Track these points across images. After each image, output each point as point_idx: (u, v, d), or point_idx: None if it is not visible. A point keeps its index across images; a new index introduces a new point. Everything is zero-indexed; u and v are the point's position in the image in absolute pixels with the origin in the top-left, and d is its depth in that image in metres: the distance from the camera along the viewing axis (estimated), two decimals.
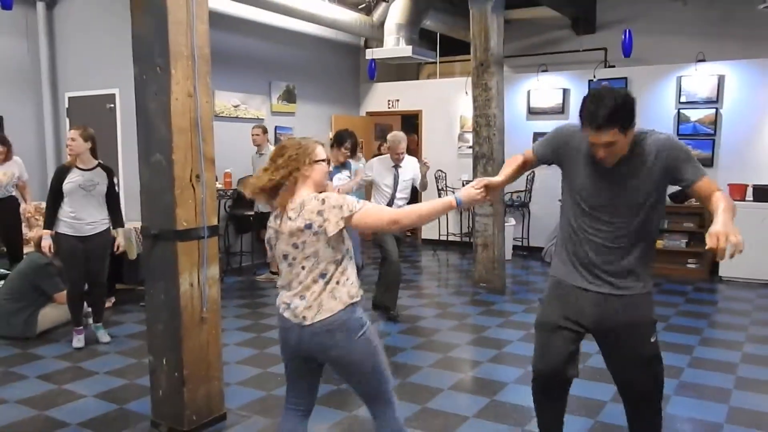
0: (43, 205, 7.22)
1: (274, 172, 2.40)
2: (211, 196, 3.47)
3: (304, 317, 2.39)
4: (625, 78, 8.36)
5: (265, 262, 7.79)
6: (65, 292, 5.17)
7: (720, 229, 2.21)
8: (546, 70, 8.99)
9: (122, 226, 5.09)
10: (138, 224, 4.08)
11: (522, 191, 8.88)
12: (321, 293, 2.37)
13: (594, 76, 8.54)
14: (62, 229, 4.84)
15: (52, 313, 5.34)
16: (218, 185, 7.11)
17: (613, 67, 8.71)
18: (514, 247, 8.98)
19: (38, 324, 5.23)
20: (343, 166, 5.69)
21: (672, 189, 8.26)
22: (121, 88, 7.27)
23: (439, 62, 9.91)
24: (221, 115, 7.84)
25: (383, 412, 2.54)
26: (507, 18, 8.61)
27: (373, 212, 2.39)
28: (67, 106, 7.89)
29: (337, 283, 2.39)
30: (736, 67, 7.83)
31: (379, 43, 8.63)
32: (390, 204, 5.55)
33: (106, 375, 4.41)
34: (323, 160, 2.48)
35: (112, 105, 7.47)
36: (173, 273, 3.30)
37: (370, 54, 8.35)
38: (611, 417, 3.66)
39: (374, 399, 2.54)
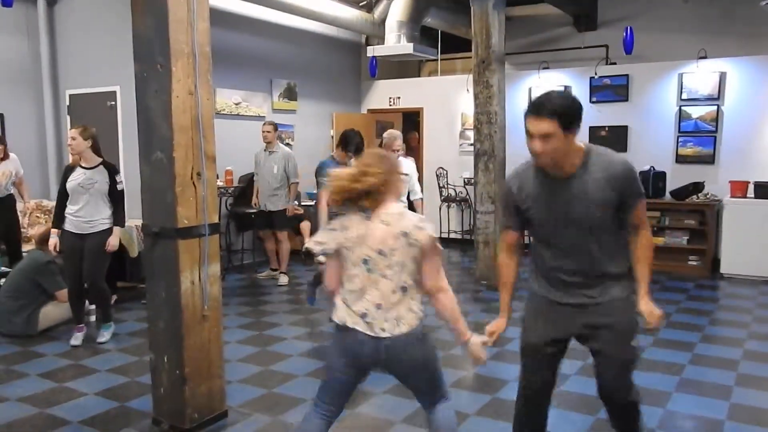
0: (44, 202, 7.28)
1: (370, 178, 2.43)
2: (212, 193, 3.47)
3: (382, 329, 2.42)
4: (627, 75, 8.35)
5: (265, 260, 7.75)
6: (66, 290, 5.18)
7: (657, 313, 2.50)
8: (547, 68, 8.97)
9: (121, 225, 5.09)
10: (139, 222, 4.09)
11: None
12: (398, 305, 2.44)
13: (595, 74, 8.53)
14: (66, 226, 4.90)
15: (53, 311, 5.35)
16: (219, 183, 7.12)
17: (615, 64, 8.69)
18: None
19: (39, 322, 5.24)
20: (345, 164, 5.65)
21: (673, 186, 8.27)
22: (122, 85, 7.27)
23: (441, 59, 9.90)
24: (222, 112, 7.84)
25: (442, 403, 2.66)
26: (508, 15, 8.58)
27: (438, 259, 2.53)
28: (68, 103, 7.89)
29: (412, 298, 2.47)
30: (737, 64, 7.81)
31: (381, 40, 8.62)
32: None
33: (108, 372, 4.42)
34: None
35: (113, 103, 7.46)
36: (174, 271, 3.31)
37: (372, 51, 8.34)
38: None
39: (434, 394, 2.64)
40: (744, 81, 7.77)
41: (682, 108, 8.05)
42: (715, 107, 7.87)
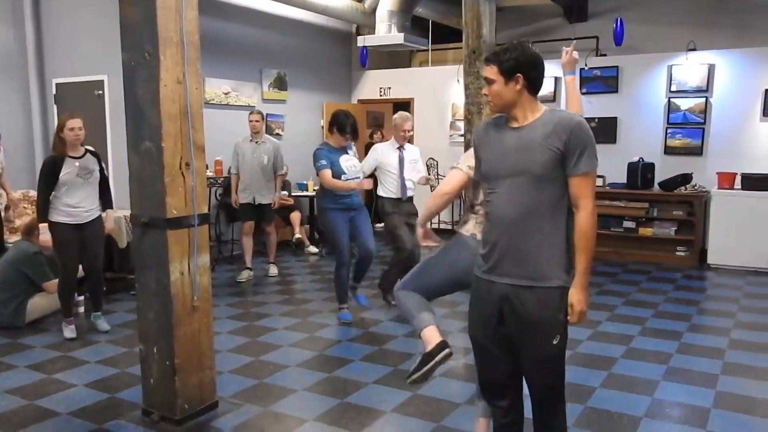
0: (31, 193, 7.21)
1: None
2: (201, 183, 3.45)
3: None
4: (617, 67, 8.37)
5: (257, 251, 7.50)
6: (55, 281, 5.15)
7: (582, 309, 2.31)
8: None
9: (111, 207, 5.13)
10: (128, 212, 4.06)
11: None
12: None
13: (585, 65, 8.54)
14: (57, 217, 4.79)
15: (41, 303, 5.31)
16: (209, 173, 7.07)
17: (605, 55, 8.71)
18: None
19: (27, 313, 5.21)
20: (343, 149, 5.40)
21: (661, 177, 8.31)
22: (109, 74, 7.20)
23: (431, 50, 9.87)
24: (212, 102, 7.79)
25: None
26: (499, 5, 8.57)
27: None
28: (54, 92, 7.81)
29: None
30: (726, 57, 7.84)
31: (371, 30, 8.59)
32: (402, 186, 5.56)
33: (97, 364, 4.40)
34: None
35: (101, 92, 7.39)
36: (164, 261, 3.29)
37: (362, 41, 8.30)
38: (601, 402, 3.70)
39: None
40: (732, 73, 7.80)
41: (671, 100, 8.08)
42: (704, 99, 7.91)
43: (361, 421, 3.52)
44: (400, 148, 5.64)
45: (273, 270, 7.10)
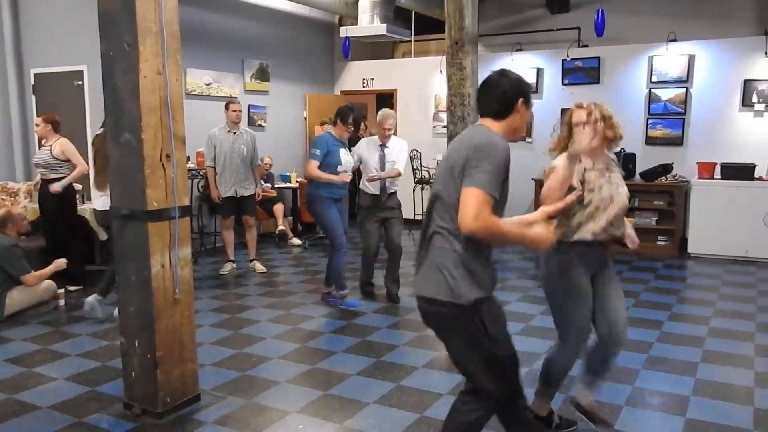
0: (10, 184, 7.14)
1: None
2: (182, 175, 3.42)
3: None
4: (598, 58, 8.41)
5: (240, 242, 7.38)
6: (34, 273, 5.13)
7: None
8: (520, 50, 8.99)
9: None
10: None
11: None
12: None
13: (567, 56, 8.57)
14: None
15: (19, 296, 5.24)
16: (190, 165, 7.01)
17: (587, 46, 8.74)
18: None
19: (6, 307, 5.14)
20: (342, 144, 5.46)
21: (642, 167, 8.36)
22: (89, 64, 7.11)
23: (414, 41, 9.85)
24: (193, 93, 7.72)
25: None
26: None
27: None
28: (33, 83, 7.69)
29: None
30: (705, 48, 7.91)
31: (354, 21, 8.55)
32: (382, 185, 5.55)
33: (78, 357, 4.36)
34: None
35: (80, 82, 7.29)
36: (144, 254, 3.27)
37: (345, 32, 8.26)
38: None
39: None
40: (712, 64, 7.87)
41: (652, 90, 8.15)
42: (684, 90, 7.98)
43: (343, 413, 3.53)
44: (382, 146, 5.62)
45: (259, 267, 6.90)
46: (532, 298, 5.85)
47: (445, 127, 7.58)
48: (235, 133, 6.64)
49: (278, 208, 8.22)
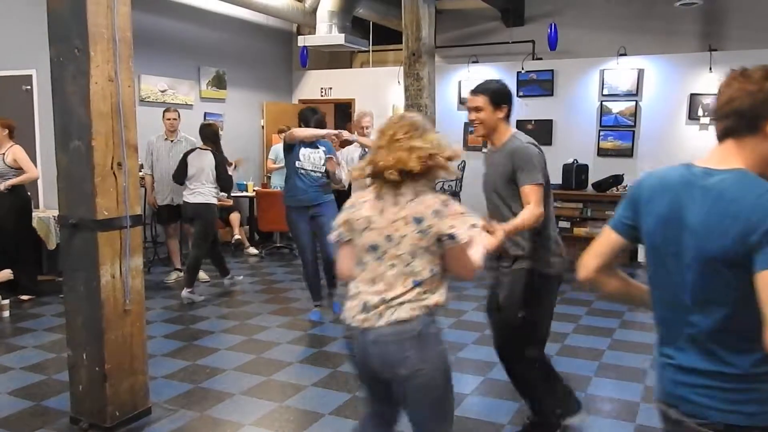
0: None
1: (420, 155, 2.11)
2: (134, 184, 3.35)
3: (380, 315, 2.10)
4: (552, 70, 8.59)
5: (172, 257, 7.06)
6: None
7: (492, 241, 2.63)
8: (477, 61, 9.12)
9: None
10: (56, 213, 3.91)
11: (453, 181, 9.00)
12: (406, 295, 2.10)
13: (522, 68, 8.73)
14: None
15: None
16: (144, 173, 6.86)
17: (541, 59, 8.92)
18: None
19: None
20: (311, 143, 5.29)
21: (595, 178, 8.55)
22: (38, 69, 6.90)
23: (372, 51, 9.90)
24: (147, 100, 7.59)
25: None
26: (438, 8, 8.68)
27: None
28: None
29: (430, 291, 2.13)
30: (654, 62, 8.16)
31: (312, 30, 8.54)
32: None
33: (22, 371, 4.22)
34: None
35: (29, 87, 7.09)
36: (93, 264, 3.18)
37: (303, 41, 8.25)
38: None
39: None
40: (660, 78, 8.13)
41: (603, 103, 8.36)
42: (634, 103, 8.21)
43: (299, 425, 3.49)
44: (363, 146, 5.61)
45: (202, 276, 6.67)
46: None
47: None
48: (172, 141, 6.59)
49: (234, 217, 8.11)
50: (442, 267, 2.14)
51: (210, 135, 6.15)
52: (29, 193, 6.15)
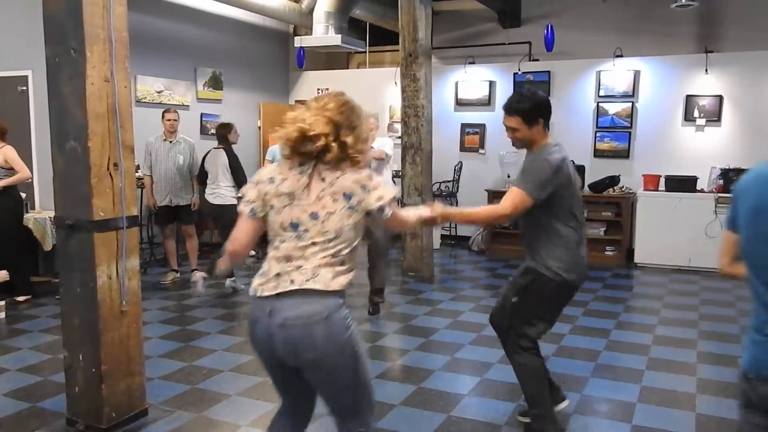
0: None
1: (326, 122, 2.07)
2: (131, 185, 3.35)
3: (291, 281, 2.07)
4: (548, 72, 8.60)
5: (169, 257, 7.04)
6: None
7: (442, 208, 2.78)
8: (473, 62, 9.13)
9: None
10: (52, 213, 3.91)
11: (450, 181, 9.01)
12: (322, 267, 2.09)
13: (519, 69, 8.74)
14: None
15: None
16: (140, 173, 6.85)
17: (537, 60, 8.93)
18: (442, 237, 9.11)
19: None
20: None
21: (591, 179, 8.57)
22: (34, 69, 6.88)
23: (369, 52, 9.90)
24: (144, 100, 7.58)
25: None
26: (435, 9, 8.69)
27: (399, 209, 2.31)
28: None
29: (342, 264, 2.13)
30: (650, 63, 8.18)
31: (309, 30, 8.54)
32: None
33: (19, 372, 4.21)
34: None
35: (25, 88, 7.07)
36: (90, 265, 3.18)
37: (299, 42, 8.25)
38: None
39: (347, 415, 2.26)
40: (656, 80, 8.15)
41: (600, 104, 8.37)
42: (630, 104, 8.22)
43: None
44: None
45: (199, 276, 6.67)
46: (485, 308, 5.91)
47: (399, 137, 7.62)
48: (171, 142, 6.60)
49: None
50: (357, 242, 2.16)
51: (220, 134, 6.44)
52: (23, 195, 6.14)
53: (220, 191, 6.27)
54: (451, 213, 2.97)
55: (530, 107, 3.02)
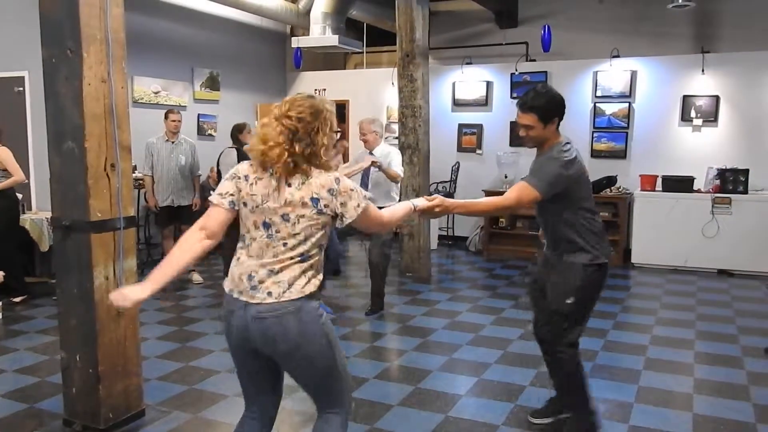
0: None
1: (291, 131, 2.13)
2: (128, 185, 3.35)
3: (269, 293, 2.15)
4: (545, 72, 8.61)
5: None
6: None
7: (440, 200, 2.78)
8: (470, 63, 9.13)
9: None
10: (49, 214, 3.90)
11: (447, 182, 9.02)
12: (294, 271, 2.17)
13: (516, 70, 8.75)
14: None
15: None
16: (138, 174, 6.85)
17: (534, 61, 8.94)
18: (440, 237, 9.11)
19: None
20: None
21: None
22: (30, 70, 6.88)
23: (366, 52, 9.90)
24: (141, 101, 7.57)
25: (334, 418, 2.33)
26: (432, 10, 8.69)
27: (374, 209, 2.30)
28: None
29: (314, 269, 2.22)
30: (647, 64, 8.19)
31: (306, 31, 8.54)
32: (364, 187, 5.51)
33: (16, 373, 4.20)
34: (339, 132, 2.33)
35: (21, 88, 7.06)
36: (87, 265, 3.18)
37: (296, 42, 8.24)
38: (529, 400, 3.79)
39: (324, 400, 2.34)
40: (653, 80, 8.16)
41: (597, 105, 8.38)
42: (627, 104, 8.24)
43: (293, 426, 3.49)
44: (370, 152, 5.56)
45: (196, 277, 6.81)
46: (482, 308, 5.92)
47: (396, 138, 7.63)
48: (173, 142, 6.60)
49: None
50: (323, 245, 2.24)
51: (233, 134, 6.45)
52: (20, 196, 6.12)
53: None
54: (451, 203, 2.89)
55: (546, 104, 2.97)
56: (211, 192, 2.42)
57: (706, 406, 3.77)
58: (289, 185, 2.15)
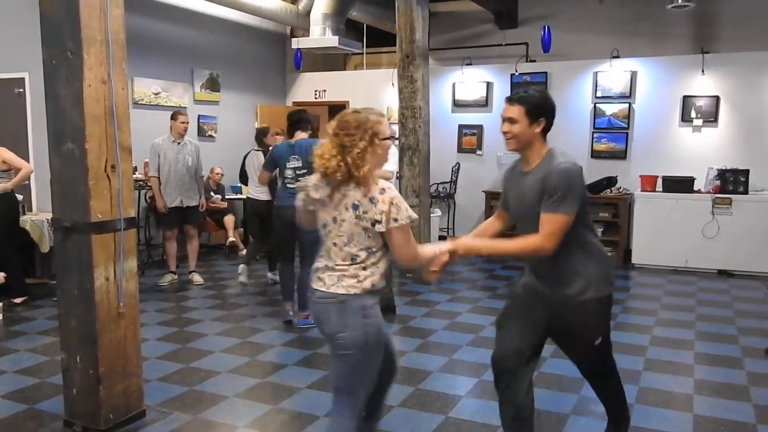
0: None
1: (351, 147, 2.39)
2: (128, 186, 3.35)
3: (323, 284, 2.49)
4: (545, 73, 8.61)
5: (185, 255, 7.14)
6: None
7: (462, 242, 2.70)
8: (470, 64, 9.13)
9: None
10: (50, 215, 3.90)
11: (447, 183, 9.02)
12: (346, 270, 2.45)
13: (516, 70, 8.75)
14: None
15: None
16: (138, 175, 6.86)
17: (534, 61, 8.95)
18: (440, 238, 9.11)
19: None
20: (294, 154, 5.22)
21: (588, 181, 8.58)
22: (31, 72, 6.88)
23: (366, 53, 9.90)
24: (141, 102, 7.57)
25: (347, 410, 2.54)
26: (432, 11, 8.70)
27: (410, 234, 2.46)
28: None
29: (365, 267, 2.45)
30: (647, 64, 8.20)
31: (305, 32, 8.54)
32: None
33: (15, 374, 4.20)
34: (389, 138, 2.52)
35: (21, 90, 7.06)
36: (87, 266, 3.18)
37: (296, 43, 8.24)
38: None
39: (347, 389, 2.54)
40: (653, 80, 8.16)
41: (597, 105, 8.38)
42: (627, 105, 8.24)
43: (293, 427, 3.49)
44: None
45: (197, 278, 6.81)
46: (482, 309, 5.92)
47: (396, 139, 7.63)
48: (179, 143, 6.58)
49: (229, 220, 8.11)
50: (380, 249, 2.46)
51: (257, 137, 6.95)
52: (20, 197, 6.13)
53: (262, 188, 6.41)
54: (477, 246, 2.80)
55: (536, 100, 2.71)
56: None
57: (706, 406, 3.77)
58: (339, 191, 2.43)
